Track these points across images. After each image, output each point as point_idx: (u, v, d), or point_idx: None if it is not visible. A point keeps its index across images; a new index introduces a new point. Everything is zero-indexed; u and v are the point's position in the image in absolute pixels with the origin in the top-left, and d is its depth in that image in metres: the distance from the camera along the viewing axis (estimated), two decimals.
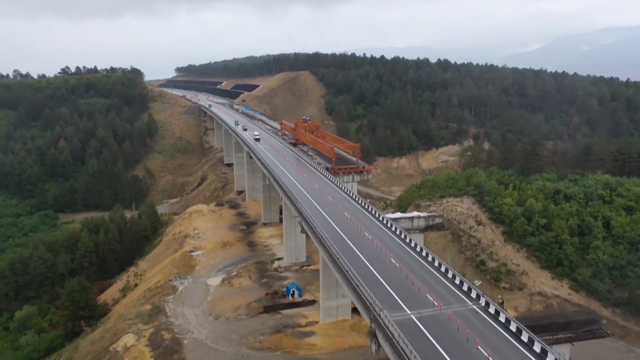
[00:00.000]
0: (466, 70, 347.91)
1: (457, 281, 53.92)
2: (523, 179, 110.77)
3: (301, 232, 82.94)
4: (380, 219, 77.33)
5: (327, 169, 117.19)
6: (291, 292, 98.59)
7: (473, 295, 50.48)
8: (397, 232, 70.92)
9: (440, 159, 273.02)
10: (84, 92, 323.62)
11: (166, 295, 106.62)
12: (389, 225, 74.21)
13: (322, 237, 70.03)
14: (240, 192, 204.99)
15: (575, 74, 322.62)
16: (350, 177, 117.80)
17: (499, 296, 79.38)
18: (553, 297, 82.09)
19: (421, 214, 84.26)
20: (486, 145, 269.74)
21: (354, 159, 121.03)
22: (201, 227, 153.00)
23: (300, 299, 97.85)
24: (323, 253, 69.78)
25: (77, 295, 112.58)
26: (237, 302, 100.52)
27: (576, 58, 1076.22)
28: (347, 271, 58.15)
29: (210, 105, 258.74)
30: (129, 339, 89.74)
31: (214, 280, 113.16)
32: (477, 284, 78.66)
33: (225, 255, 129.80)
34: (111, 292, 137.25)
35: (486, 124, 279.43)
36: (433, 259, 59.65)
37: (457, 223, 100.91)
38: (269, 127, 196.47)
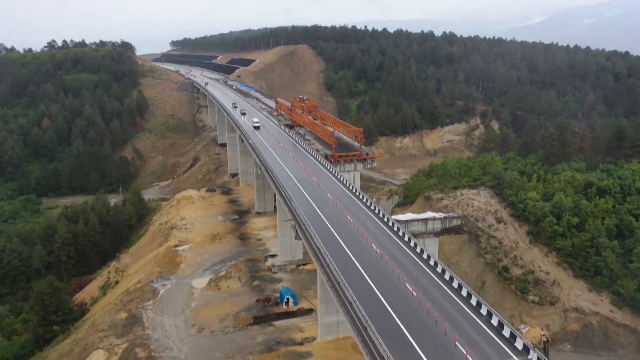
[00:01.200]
0: (473, 44, 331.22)
1: (494, 321, 41.61)
2: (548, 168, 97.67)
3: (295, 238, 70.44)
4: (391, 224, 64.71)
5: (326, 156, 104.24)
6: (285, 299, 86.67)
7: (518, 345, 38.15)
8: (412, 244, 58.44)
9: (445, 138, 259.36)
10: (71, 68, 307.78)
11: (145, 300, 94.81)
12: (400, 234, 61.69)
13: (319, 251, 57.59)
14: (234, 175, 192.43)
15: (587, 48, 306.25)
16: (353, 165, 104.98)
17: (522, 325, 67.39)
18: (592, 314, 70.27)
19: (436, 215, 71.63)
20: (495, 125, 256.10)
21: (356, 144, 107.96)
22: (189, 217, 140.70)
23: (295, 308, 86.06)
24: (321, 273, 57.42)
25: (48, 298, 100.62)
26: (224, 310, 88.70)
27: (580, 31, 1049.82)
28: (351, 304, 45.81)
29: (206, 84, 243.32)
30: (98, 356, 78.16)
31: (200, 282, 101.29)
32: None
33: (214, 250, 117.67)
34: (90, 290, 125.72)
35: (494, 102, 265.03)
36: (460, 286, 47.20)
37: (475, 220, 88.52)
38: (263, 106, 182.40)
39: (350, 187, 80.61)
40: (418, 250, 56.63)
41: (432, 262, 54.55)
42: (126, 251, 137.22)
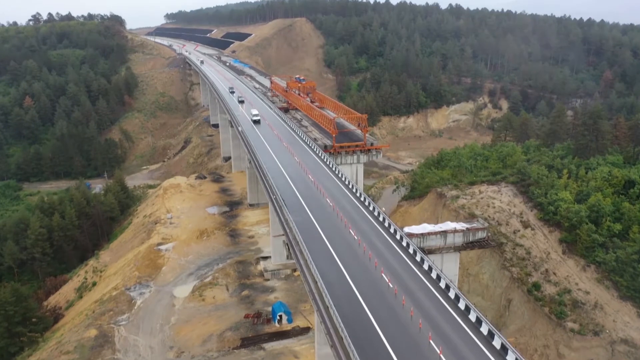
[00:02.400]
0: (481, 17, 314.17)
1: None
2: (580, 162, 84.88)
3: (287, 258, 58.30)
4: (405, 244, 52.50)
5: (325, 147, 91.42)
6: (278, 316, 75.04)
7: None
8: (431, 273, 46.36)
9: (451, 118, 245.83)
10: (56, 43, 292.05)
11: (119, 313, 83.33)
12: (417, 258, 49.61)
13: (318, 290, 45.42)
14: (227, 159, 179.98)
15: (602, 21, 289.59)
16: (355, 157, 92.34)
17: None
18: None
19: (458, 226, 59.35)
20: (504, 103, 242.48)
21: (359, 133, 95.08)
22: (176, 209, 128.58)
23: (289, 326, 74.61)
24: (318, 315, 45.32)
25: (11, 308, 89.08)
26: (207, 328, 77.29)
27: (583, 1, 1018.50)
28: None
29: (202, 62, 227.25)
30: None
31: (183, 290, 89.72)
32: None
33: (200, 250, 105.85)
34: (66, 291, 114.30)
35: (503, 79, 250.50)
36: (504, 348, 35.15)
37: (497, 224, 76.38)
38: (257, 86, 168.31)
39: (354, 190, 68.09)
40: (442, 285, 44.45)
41: (454, 297, 42.48)
42: (107, 247, 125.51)
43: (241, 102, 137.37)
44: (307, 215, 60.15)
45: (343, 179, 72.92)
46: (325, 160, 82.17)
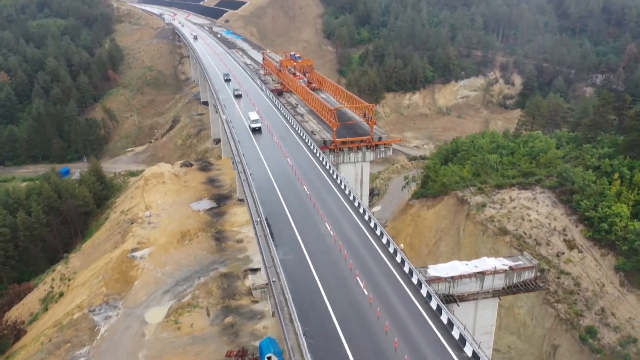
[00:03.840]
0: None
1: None
2: (633, 163, 69.76)
3: (273, 315, 44.31)
4: (431, 304, 38.17)
5: (324, 142, 76.35)
6: (266, 358, 61.11)
7: None
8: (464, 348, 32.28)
9: (460, 94, 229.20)
10: (36, 12, 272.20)
11: (78, 346, 70.18)
12: (444, 319, 35.39)
13: None
14: (217, 141, 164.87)
15: None
16: (360, 154, 77.42)
17: None
18: None
19: (499, 265, 45.15)
20: (517, 79, 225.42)
21: (365, 126, 79.94)
22: (156, 204, 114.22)
23: None
24: None
25: None
26: None
27: None
28: None
29: (195, 38, 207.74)
30: None
31: (156, 314, 76.06)
32: None
33: (180, 258, 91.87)
34: (30, 302, 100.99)
35: (516, 52, 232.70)
36: None
37: (534, 243, 62.20)
38: (248, 62, 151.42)
39: (361, 210, 53.39)
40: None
41: None
42: (79, 248, 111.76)
43: (238, 96, 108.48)
44: (300, 251, 45.73)
45: (347, 192, 58.13)
46: (325, 164, 67.19)
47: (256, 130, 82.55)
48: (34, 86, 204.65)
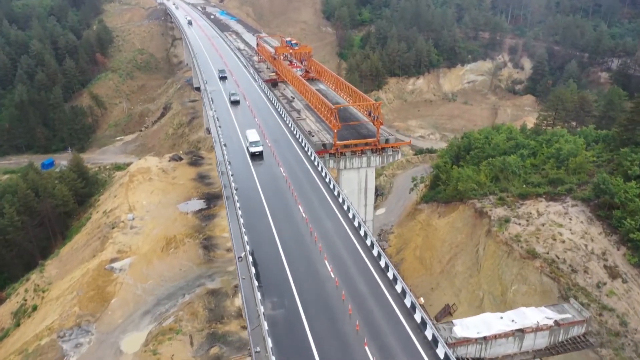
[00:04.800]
0: None
1: None
2: None
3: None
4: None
5: (324, 146, 66.63)
6: None
7: None
8: None
9: (466, 78, 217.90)
10: None
11: None
12: None
13: None
14: (210, 131, 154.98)
15: None
16: (365, 159, 67.82)
17: None
18: None
19: (542, 321, 36.04)
20: (526, 63, 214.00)
21: (370, 125, 70.28)
22: (141, 205, 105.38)
23: None
24: None
25: None
26: None
27: None
28: None
29: (189, 23, 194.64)
30: None
31: (133, 341, 67.47)
32: None
33: (164, 270, 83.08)
34: (2, 315, 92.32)
35: (526, 34, 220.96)
36: None
37: (569, 270, 53.08)
38: (242, 47, 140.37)
39: (370, 243, 43.99)
40: None
41: None
42: (56, 253, 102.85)
43: (235, 102, 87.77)
44: (292, 302, 36.46)
45: (350, 215, 48.66)
46: (324, 175, 57.51)
47: (256, 155, 62.77)
48: (17, 71, 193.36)
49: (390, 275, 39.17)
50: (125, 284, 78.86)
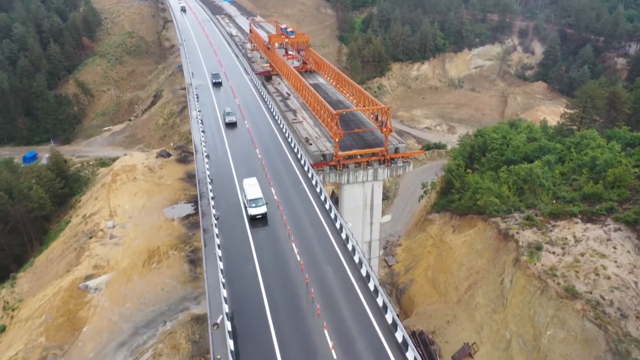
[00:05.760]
0: None
1: None
2: None
3: None
4: None
5: (323, 157, 57.16)
6: None
7: None
8: None
9: (473, 63, 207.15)
10: None
11: None
12: None
13: None
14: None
15: None
16: (371, 172, 58.45)
17: None
18: None
19: None
20: (537, 47, 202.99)
21: (377, 132, 60.80)
22: (123, 210, 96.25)
23: None
24: None
25: None
26: None
27: None
28: None
29: (183, 10, 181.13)
30: None
31: None
32: None
33: (144, 290, 74.28)
34: None
35: (537, 16, 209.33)
36: None
37: (618, 316, 44.19)
38: (234, 33, 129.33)
39: (380, 301, 34.79)
40: None
41: None
42: (31, 263, 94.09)
43: (230, 124, 70.43)
44: None
45: (356, 260, 39.37)
46: (323, 200, 48.10)
47: (256, 219, 46.53)
48: None
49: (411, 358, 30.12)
50: (100, 308, 70.08)
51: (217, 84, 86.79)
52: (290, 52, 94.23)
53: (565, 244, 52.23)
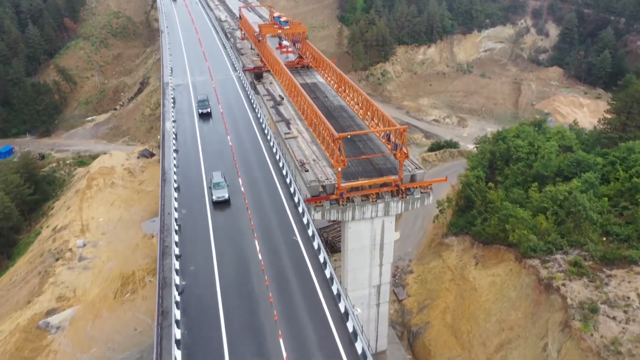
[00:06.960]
0: None
1: None
2: None
3: None
4: None
5: (323, 189, 45.86)
6: None
7: None
8: None
9: (483, 46, 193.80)
10: None
11: None
12: None
13: None
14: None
15: None
16: (382, 206, 47.24)
17: None
18: None
19: None
20: (552, 28, 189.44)
21: (392, 159, 49.44)
22: (96, 224, 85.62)
23: None
24: None
25: None
26: None
27: None
28: None
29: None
30: None
31: None
32: None
33: (113, 329, 63.84)
34: None
35: None
36: None
37: None
38: (224, 18, 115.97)
39: None
40: None
41: None
42: None
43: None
44: None
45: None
46: (323, 261, 37.02)
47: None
48: None
49: None
50: (60, 354, 59.64)
51: (203, 115, 66.47)
52: (284, 43, 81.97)
53: (627, 305, 41.44)
